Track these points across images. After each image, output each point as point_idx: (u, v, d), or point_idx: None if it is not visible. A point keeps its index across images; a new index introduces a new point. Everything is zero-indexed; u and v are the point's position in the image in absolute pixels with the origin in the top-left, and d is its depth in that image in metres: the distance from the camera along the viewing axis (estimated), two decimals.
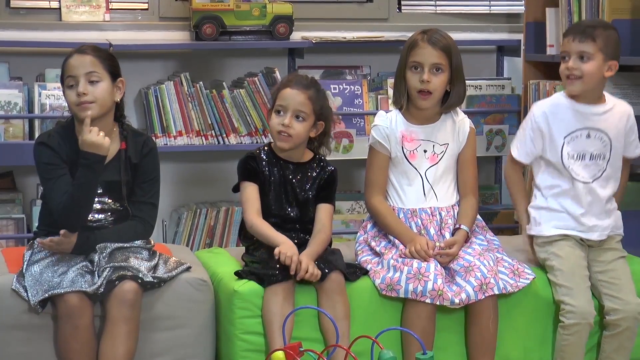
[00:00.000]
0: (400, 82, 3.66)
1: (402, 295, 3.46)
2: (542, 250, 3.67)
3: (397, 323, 3.53)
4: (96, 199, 3.46)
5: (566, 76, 3.62)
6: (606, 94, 3.72)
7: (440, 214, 3.68)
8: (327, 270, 3.45)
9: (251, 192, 3.59)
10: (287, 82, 3.61)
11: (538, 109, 3.70)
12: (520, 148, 3.73)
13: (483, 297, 3.46)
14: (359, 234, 3.78)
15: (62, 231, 3.38)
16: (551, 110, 3.68)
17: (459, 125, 3.71)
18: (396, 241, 3.60)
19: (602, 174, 3.67)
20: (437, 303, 3.44)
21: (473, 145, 3.74)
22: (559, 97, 3.71)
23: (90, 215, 3.46)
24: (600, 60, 3.59)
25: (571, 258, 3.60)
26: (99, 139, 3.33)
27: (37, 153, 3.46)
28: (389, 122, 3.68)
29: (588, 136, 3.66)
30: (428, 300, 3.43)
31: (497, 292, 3.48)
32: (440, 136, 3.70)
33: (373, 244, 3.67)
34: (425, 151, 3.69)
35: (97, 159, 3.34)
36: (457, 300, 3.45)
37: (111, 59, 3.49)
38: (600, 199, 3.67)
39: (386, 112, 3.73)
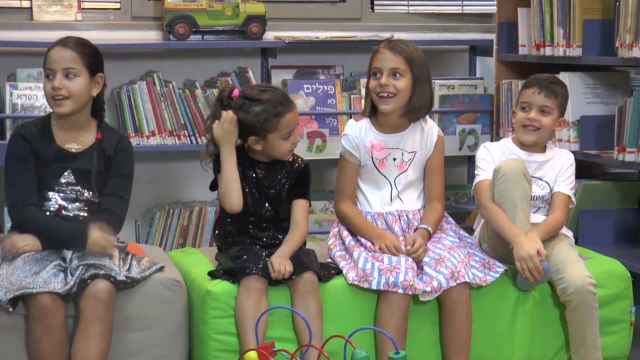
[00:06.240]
0: (367, 90, 3.72)
1: (374, 286, 3.47)
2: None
3: (370, 322, 3.53)
4: (70, 189, 3.47)
5: (523, 125, 3.71)
6: (550, 145, 3.83)
7: (407, 216, 3.71)
8: (299, 271, 3.45)
9: None
10: None
11: (488, 144, 3.80)
12: (486, 168, 3.72)
13: (455, 284, 3.48)
14: (333, 226, 3.79)
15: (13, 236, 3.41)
16: (498, 149, 3.77)
17: (427, 134, 3.74)
18: (363, 240, 3.63)
19: (545, 207, 3.77)
20: (409, 293, 3.45)
21: (441, 153, 3.77)
22: (506, 141, 3.81)
23: (65, 204, 3.47)
24: (556, 116, 3.74)
25: None
26: (108, 243, 3.37)
27: (10, 142, 3.50)
28: (358, 132, 3.71)
29: None
30: (400, 291, 3.44)
31: (468, 280, 3.50)
32: (409, 144, 3.73)
33: (345, 234, 3.69)
34: (394, 159, 3.72)
35: (81, 245, 3.36)
36: (428, 289, 3.46)
37: (93, 55, 3.49)
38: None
39: (356, 121, 3.76)
